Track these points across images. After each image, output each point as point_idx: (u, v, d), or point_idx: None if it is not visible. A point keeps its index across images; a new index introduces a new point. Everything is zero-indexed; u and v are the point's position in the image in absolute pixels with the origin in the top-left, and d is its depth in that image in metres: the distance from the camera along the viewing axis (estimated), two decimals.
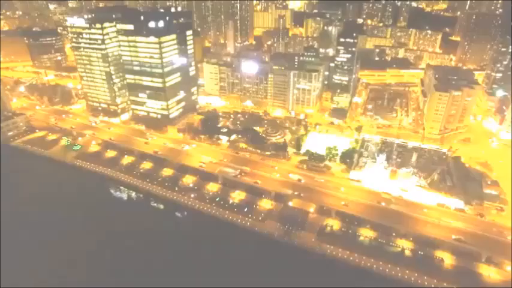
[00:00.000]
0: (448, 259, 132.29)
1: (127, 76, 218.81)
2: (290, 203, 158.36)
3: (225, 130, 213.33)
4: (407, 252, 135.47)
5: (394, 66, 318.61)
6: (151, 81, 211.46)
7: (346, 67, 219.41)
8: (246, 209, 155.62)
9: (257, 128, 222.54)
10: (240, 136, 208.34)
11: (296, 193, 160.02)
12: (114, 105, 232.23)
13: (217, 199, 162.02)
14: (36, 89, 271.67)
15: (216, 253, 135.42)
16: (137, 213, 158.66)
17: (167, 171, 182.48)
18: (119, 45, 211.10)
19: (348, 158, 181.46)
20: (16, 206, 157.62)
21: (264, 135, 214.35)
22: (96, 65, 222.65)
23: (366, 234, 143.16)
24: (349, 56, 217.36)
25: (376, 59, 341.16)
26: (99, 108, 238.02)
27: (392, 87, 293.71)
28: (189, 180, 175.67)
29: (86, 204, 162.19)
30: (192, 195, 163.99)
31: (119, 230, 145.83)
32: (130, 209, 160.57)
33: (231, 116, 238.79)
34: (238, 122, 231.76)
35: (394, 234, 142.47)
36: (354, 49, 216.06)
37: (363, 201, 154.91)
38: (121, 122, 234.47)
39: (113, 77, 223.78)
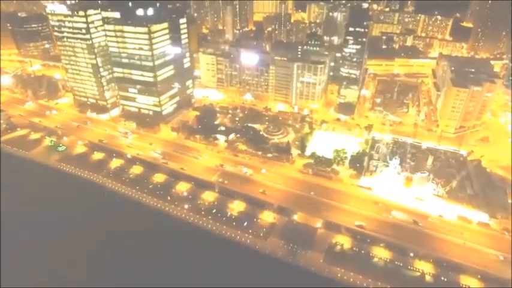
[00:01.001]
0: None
1: (115, 69, 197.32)
2: (295, 216, 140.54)
3: (222, 128, 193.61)
4: (428, 278, 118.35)
5: (403, 55, 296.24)
6: (142, 75, 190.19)
7: (355, 59, 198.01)
8: (245, 223, 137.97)
9: (258, 126, 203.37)
10: (238, 135, 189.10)
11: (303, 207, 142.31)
12: (103, 100, 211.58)
13: (214, 211, 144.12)
14: (21, 80, 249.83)
15: (212, 274, 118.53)
16: (125, 223, 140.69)
17: (159, 177, 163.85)
18: (105, 35, 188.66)
19: (358, 163, 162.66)
20: None
21: (265, 134, 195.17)
22: (82, 57, 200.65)
23: (380, 254, 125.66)
24: (358, 47, 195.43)
25: (384, 47, 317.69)
26: (88, 103, 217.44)
27: (402, 79, 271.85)
28: (182, 187, 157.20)
29: (69, 213, 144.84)
30: (186, 206, 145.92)
31: (98, 247, 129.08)
32: (116, 219, 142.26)
33: (229, 111, 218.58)
34: (237, 119, 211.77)
35: (411, 254, 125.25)
36: (364, 39, 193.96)
37: (376, 216, 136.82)
38: (111, 119, 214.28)
39: (101, 69, 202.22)
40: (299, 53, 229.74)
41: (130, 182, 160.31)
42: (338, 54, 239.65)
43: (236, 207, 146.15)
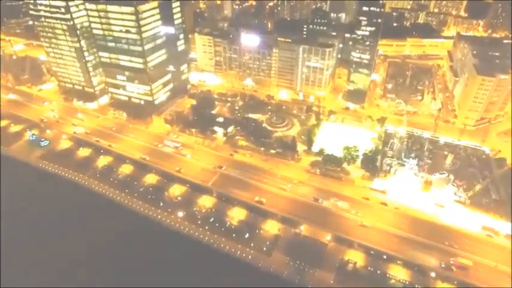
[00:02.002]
0: None
1: (100, 54, 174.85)
2: (301, 227, 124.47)
3: (220, 120, 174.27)
4: None
5: (415, 33, 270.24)
6: (130, 61, 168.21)
7: (368, 42, 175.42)
8: (247, 235, 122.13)
9: (259, 116, 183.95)
10: (238, 128, 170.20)
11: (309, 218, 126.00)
12: (90, 87, 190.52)
13: (211, 219, 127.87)
14: (2, 62, 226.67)
15: None
16: (110, 232, 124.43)
17: (151, 178, 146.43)
18: (88, 15, 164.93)
19: (371, 162, 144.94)
20: None
21: (267, 127, 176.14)
22: (63, 39, 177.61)
23: (398, 274, 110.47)
24: (372, 29, 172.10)
25: (394, 24, 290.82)
26: (74, 90, 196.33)
27: (414, 61, 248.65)
28: (176, 191, 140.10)
29: (50, 218, 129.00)
30: (180, 214, 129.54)
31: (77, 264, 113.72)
32: (101, 228, 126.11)
33: (228, 99, 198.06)
34: (237, 108, 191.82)
35: (433, 275, 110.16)
36: (379, 20, 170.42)
37: (392, 230, 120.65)
38: (99, 107, 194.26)
39: (85, 53, 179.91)
40: (304, 33, 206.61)
41: (118, 184, 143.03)
42: (347, 35, 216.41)
43: (236, 215, 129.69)
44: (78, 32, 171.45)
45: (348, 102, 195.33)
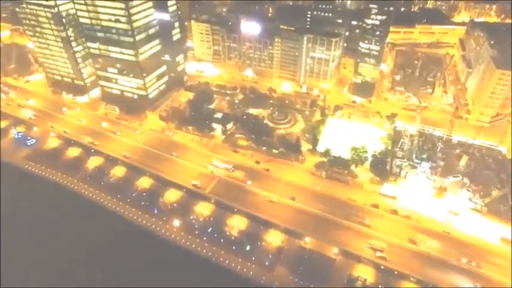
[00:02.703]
0: None
1: (89, 44, 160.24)
2: (306, 239, 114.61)
3: (219, 116, 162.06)
4: None
5: (424, 20, 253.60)
6: (121, 52, 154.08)
7: (378, 32, 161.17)
8: (248, 247, 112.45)
9: (260, 111, 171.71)
10: (238, 125, 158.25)
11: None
12: (80, 79, 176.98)
13: (210, 229, 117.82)
14: None
15: None
16: (100, 242, 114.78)
17: (144, 182, 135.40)
18: (73, 3, 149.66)
19: (381, 166, 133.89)
20: None
21: (269, 123, 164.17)
22: (48, 28, 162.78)
23: None
24: (383, 17, 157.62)
25: (402, 9, 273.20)
26: (63, 83, 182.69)
27: (423, 49, 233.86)
28: (172, 196, 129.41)
29: (35, 227, 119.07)
30: (176, 223, 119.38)
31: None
32: (91, 237, 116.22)
33: (227, 92, 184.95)
34: (236, 101, 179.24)
35: None
36: (391, 8, 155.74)
37: (404, 244, 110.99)
38: (90, 101, 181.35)
39: (73, 44, 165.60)
40: (308, 20, 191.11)
41: (110, 188, 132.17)
42: (354, 23, 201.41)
43: (236, 224, 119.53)
44: (64, 20, 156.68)
45: (355, 95, 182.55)
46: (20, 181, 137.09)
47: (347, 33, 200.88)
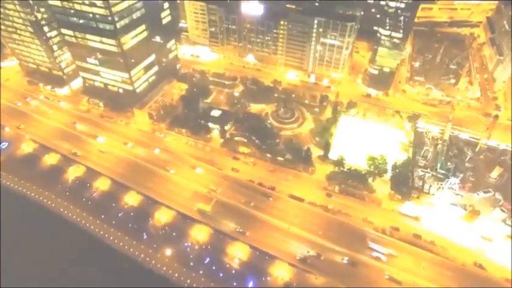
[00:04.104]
0: None
1: (63, 31, 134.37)
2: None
3: (216, 113, 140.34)
4: None
5: None
6: (101, 41, 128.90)
7: (402, 17, 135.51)
8: (251, 283, 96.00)
9: (263, 106, 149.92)
10: (238, 125, 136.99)
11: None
12: (57, 69, 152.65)
13: (207, 260, 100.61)
14: None
15: None
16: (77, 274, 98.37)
17: (132, 198, 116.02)
18: None
19: (403, 181, 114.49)
20: None
21: (273, 122, 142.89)
22: (13, 9, 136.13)
23: None
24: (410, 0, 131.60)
25: None
26: (39, 72, 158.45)
27: (444, 29, 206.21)
28: (163, 217, 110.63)
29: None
30: (168, 252, 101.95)
31: None
32: (74, 272, 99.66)
33: (226, 83, 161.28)
34: (236, 95, 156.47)
35: None
36: None
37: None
38: (71, 93, 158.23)
39: (45, 29, 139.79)
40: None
41: (93, 206, 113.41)
42: (370, 1, 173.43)
43: (237, 253, 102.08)
44: (31, 1, 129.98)
45: (370, 87, 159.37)
46: None
47: (361, 13, 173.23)
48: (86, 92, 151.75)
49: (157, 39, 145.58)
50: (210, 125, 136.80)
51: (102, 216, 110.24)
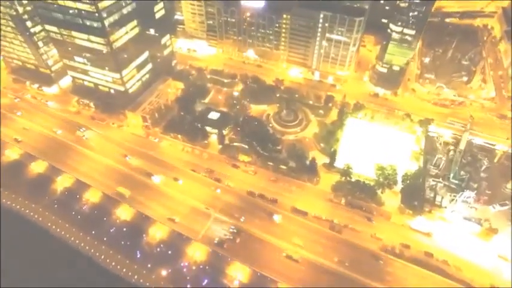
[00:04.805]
0: None
1: (47, 27, 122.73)
2: None
3: (215, 116, 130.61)
4: None
5: None
6: (88, 40, 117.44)
7: (416, 13, 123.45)
8: None
9: (265, 107, 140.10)
10: (237, 129, 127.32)
11: None
12: (44, 67, 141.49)
13: (205, 282, 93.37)
14: None
15: None
16: None
17: (125, 212, 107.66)
18: None
19: (414, 195, 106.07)
20: None
21: (275, 125, 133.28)
22: None
23: None
24: None
25: None
26: (26, 69, 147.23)
27: (455, 20, 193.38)
28: (158, 233, 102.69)
29: None
30: (164, 273, 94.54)
31: None
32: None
33: (225, 81, 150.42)
34: (235, 94, 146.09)
35: None
36: None
37: None
38: (60, 92, 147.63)
39: (28, 24, 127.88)
40: None
41: (83, 221, 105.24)
42: None
43: (237, 274, 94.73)
44: None
45: (377, 86, 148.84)
46: None
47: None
48: (75, 91, 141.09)
49: (151, 35, 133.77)
50: (208, 128, 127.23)
51: (93, 232, 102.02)
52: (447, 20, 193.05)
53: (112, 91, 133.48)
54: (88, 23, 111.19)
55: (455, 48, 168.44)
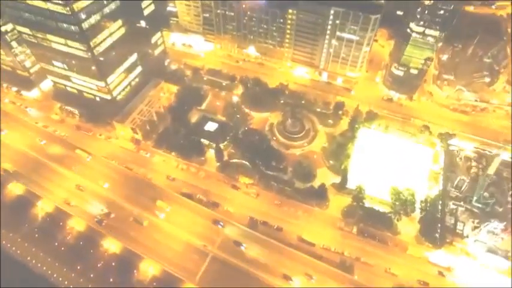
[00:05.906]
0: None
1: (18, 28, 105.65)
2: None
3: (212, 127, 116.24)
4: None
5: None
6: (66, 44, 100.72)
7: (442, 11, 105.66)
8: None
9: (268, 115, 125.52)
10: (237, 142, 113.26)
11: None
12: (21, 69, 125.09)
13: None
14: None
15: None
16: None
17: (113, 244, 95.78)
18: None
19: (434, 223, 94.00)
20: None
21: (279, 137, 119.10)
22: None
23: None
24: None
25: None
26: (2, 72, 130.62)
27: (474, 10, 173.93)
28: (150, 269, 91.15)
29: None
30: None
31: None
32: None
33: (223, 84, 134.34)
34: (235, 99, 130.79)
35: None
36: None
37: None
38: (42, 96, 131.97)
39: None
40: None
41: (66, 254, 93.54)
42: None
43: None
44: None
45: (391, 90, 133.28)
46: None
47: None
48: (57, 97, 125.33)
49: (139, 34, 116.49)
50: (205, 141, 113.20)
51: (78, 267, 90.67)
52: (466, 8, 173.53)
53: (98, 99, 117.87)
54: (64, 25, 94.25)
55: (476, 44, 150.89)
